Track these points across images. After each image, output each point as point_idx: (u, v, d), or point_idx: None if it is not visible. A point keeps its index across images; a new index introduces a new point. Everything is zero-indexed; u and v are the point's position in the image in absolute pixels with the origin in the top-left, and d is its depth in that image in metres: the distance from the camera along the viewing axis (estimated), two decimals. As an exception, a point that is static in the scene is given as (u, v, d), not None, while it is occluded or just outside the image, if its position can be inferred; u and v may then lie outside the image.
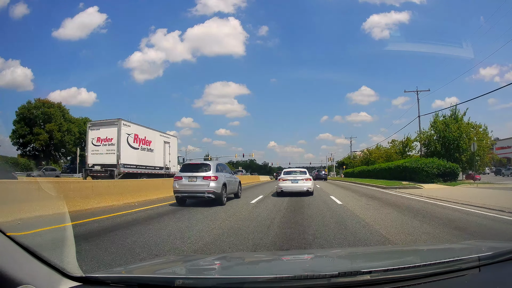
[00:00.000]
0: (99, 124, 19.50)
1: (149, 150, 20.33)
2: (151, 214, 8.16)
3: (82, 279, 1.33)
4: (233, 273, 1.81)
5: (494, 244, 2.31)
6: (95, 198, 9.25)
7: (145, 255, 4.04)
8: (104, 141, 18.51)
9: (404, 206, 9.44)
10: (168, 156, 22.32)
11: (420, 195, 13.32)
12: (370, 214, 7.59)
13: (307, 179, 13.21)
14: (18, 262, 1.17)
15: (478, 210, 8.27)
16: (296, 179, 13.22)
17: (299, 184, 13.01)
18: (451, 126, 25.11)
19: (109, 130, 18.39)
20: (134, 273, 1.71)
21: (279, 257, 2.51)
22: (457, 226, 6.03)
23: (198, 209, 8.90)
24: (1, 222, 5.75)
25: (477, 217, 7.25)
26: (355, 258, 2.22)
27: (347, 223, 6.38)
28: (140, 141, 19.48)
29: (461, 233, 5.36)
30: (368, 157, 53.35)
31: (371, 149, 53.75)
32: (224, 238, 5.08)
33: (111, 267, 3.44)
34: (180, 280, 1.32)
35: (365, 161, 53.22)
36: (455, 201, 10.34)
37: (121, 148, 17.88)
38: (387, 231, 5.52)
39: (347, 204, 10.05)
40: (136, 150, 19.12)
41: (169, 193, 11.27)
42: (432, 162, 21.19)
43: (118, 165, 17.69)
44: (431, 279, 1.36)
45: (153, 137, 20.88)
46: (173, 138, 23.79)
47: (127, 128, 18.52)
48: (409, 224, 6.27)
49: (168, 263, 2.14)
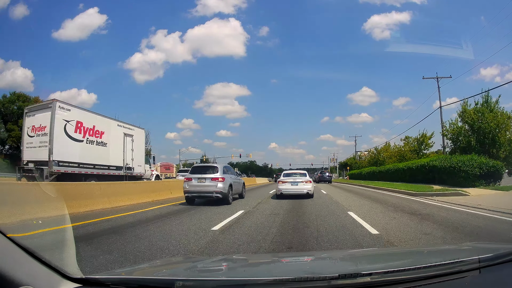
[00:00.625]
0: (35, 108, 14.79)
1: (101, 144, 15.37)
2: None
3: (82, 280, 1.34)
4: (234, 275, 1.82)
5: (494, 246, 2.48)
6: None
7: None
8: (38, 130, 13.75)
9: (485, 233, 5.42)
10: (130, 153, 17.26)
11: (479, 206, 8.80)
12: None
13: (307, 181, 13.01)
14: (18, 263, 1.18)
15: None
16: (296, 181, 12.93)
17: (299, 187, 12.74)
18: (487, 116, 20.24)
19: (44, 116, 13.61)
20: (134, 275, 1.71)
21: (279, 259, 2.55)
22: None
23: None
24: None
25: None
26: (356, 260, 2.22)
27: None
28: (87, 131, 14.55)
29: None
30: (376, 157, 48.39)
31: (380, 148, 48.82)
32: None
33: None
34: (180, 282, 1.32)
35: (373, 161, 48.25)
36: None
37: (55, 139, 13.02)
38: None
39: (388, 233, 5.29)
40: (79, 143, 14.17)
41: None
42: (471, 159, 16.28)
43: (50, 162, 12.86)
44: (431, 281, 1.35)
45: (107, 127, 15.86)
46: (138, 130, 18.48)
47: (64, 113, 13.60)
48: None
49: (168, 265, 2.18)
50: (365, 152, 61.59)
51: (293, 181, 12.87)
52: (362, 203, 10.93)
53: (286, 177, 13.33)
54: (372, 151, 52.29)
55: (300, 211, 8.40)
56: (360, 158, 62.37)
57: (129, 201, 10.57)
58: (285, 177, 13.46)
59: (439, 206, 9.40)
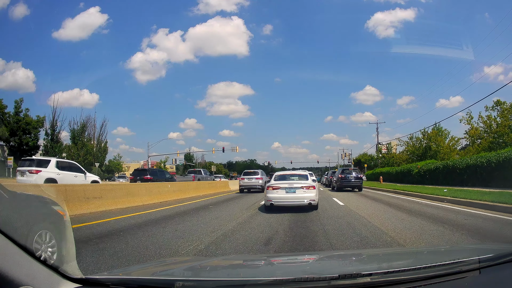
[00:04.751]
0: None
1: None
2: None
3: (82, 280, 1.34)
4: (234, 275, 1.84)
5: (494, 246, 2.58)
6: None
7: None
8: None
9: None
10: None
11: None
12: None
13: (308, 186, 9.07)
14: (18, 263, 1.19)
15: None
16: (292, 187, 9.08)
17: (297, 195, 8.92)
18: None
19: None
20: (134, 275, 1.72)
21: (279, 259, 2.55)
22: None
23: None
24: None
25: None
26: (356, 260, 2.21)
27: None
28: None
29: None
30: (421, 146, 32.69)
31: (430, 132, 32.78)
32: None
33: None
34: (180, 282, 1.32)
35: (419, 153, 32.39)
36: None
37: None
38: None
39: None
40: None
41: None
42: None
43: None
44: (431, 281, 1.35)
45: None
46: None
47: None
48: None
49: (168, 265, 2.20)
50: (384, 145, 46.05)
51: (289, 187, 9.05)
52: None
53: (278, 181, 9.52)
54: (412, 139, 36.19)
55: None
56: (388, 153, 46.50)
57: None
58: (277, 180, 9.66)
59: None
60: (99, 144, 47.99)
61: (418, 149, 33.31)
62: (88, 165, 42.75)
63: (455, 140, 32.85)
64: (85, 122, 46.48)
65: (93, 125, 47.78)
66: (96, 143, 47.76)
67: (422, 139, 33.24)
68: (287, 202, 8.95)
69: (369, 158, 61.27)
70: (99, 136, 48.38)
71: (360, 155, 64.15)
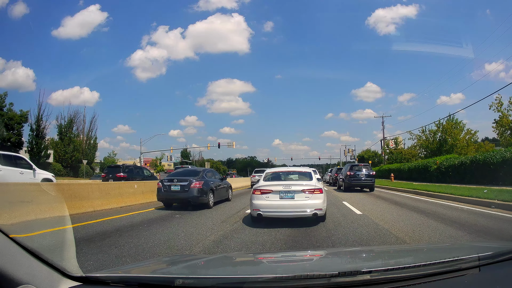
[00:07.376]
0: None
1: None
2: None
3: (82, 278, 1.33)
4: (233, 272, 1.82)
5: (494, 244, 2.55)
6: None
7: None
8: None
9: None
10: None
11: None
12: None
13: (313, 189, 6.32)
14: (19, 262, 1.17)
15: None
16: (290, 190, 6.32)
17: (296, 202, 6.26)
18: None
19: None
20: (134, 273, 1.70)
21: (279, 256, 2.55)
22: None
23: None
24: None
25: None
26: (355, 257, 2.19)
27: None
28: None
29: None
30: (436, 139, 29.62)
31: (445, 124, 29.62)
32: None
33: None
34: (180, 279, 1.31)
35: (434, 148, 29.32)
36: None
37: None
38: None
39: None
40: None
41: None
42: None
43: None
44: (431, 278, 1.34)
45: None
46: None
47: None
48: None
49: (168, 263, 2.16)
50: (391, 139, 43.09)
51: (285, 191, 6.32)
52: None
53: (270, 182, 6.76)
54: (425, 133, 32.97)
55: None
56: (396, 148, 43.45)
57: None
58: (268, 181, 6.92)
59: None
60: (88, 140, 45.13)
61: (432, 143, 30.17)
62: (76, 162, 40.14)
63: (472, 134, 29.80)
64: (72, 117, 43.45)
65: (82, 120, 44.90)
66: (86, 139, 44.89)
67: (437, 131, 30.08)
68: (281, 212, 6.31)
69: (372, 154, 58.43)
70: (89, 131, 45.53)
71: (363, 152, 61.16)
